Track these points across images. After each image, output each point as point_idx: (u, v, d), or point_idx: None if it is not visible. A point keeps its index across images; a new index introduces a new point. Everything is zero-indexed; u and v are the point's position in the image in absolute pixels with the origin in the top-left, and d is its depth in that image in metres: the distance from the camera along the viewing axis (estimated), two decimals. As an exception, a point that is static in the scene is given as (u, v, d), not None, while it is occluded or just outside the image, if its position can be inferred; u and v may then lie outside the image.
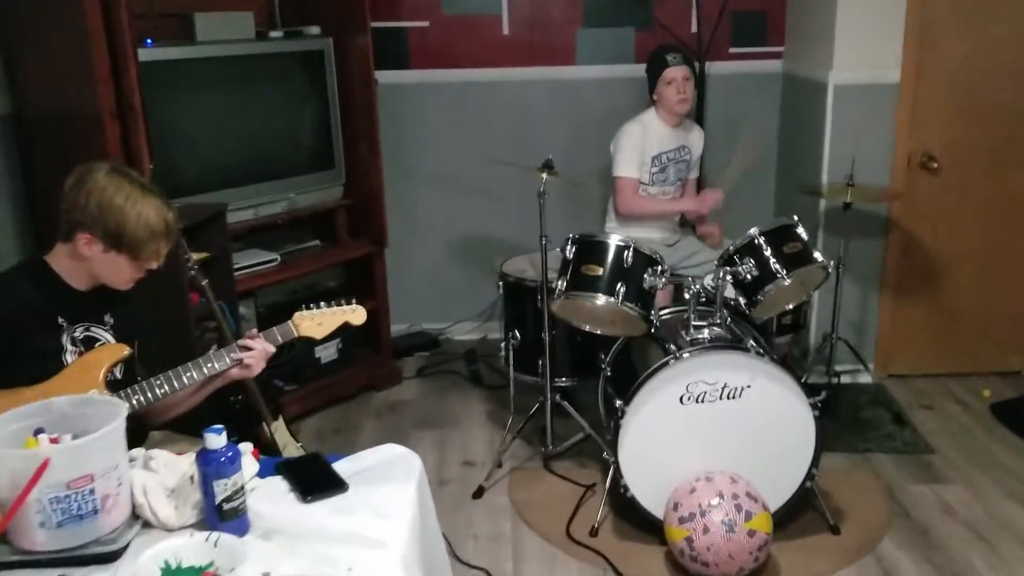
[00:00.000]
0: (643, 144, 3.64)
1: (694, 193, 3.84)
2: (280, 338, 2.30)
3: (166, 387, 2.16)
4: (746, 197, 3.62)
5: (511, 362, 3.48)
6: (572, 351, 3.43)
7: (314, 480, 1.77)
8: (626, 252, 2.93)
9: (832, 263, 3.06)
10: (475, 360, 4.36)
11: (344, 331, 4.00)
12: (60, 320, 2.14)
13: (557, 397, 3.36)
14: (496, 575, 2.83)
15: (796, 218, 3.05)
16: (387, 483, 1.77)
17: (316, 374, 3.95)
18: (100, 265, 2.14)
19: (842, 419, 3.71)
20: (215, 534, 1.51)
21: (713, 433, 2.85)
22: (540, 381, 3.39)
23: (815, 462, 2.89)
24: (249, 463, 1.76)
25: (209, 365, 2.19)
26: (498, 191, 4.45)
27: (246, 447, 1.81)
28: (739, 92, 4.44)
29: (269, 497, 1.72)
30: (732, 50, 4.43)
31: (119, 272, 2.16)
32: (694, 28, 4.33)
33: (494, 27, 4.33)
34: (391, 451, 1.87)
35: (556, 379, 3.38)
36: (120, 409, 1.60)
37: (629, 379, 2.95)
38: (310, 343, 3.90)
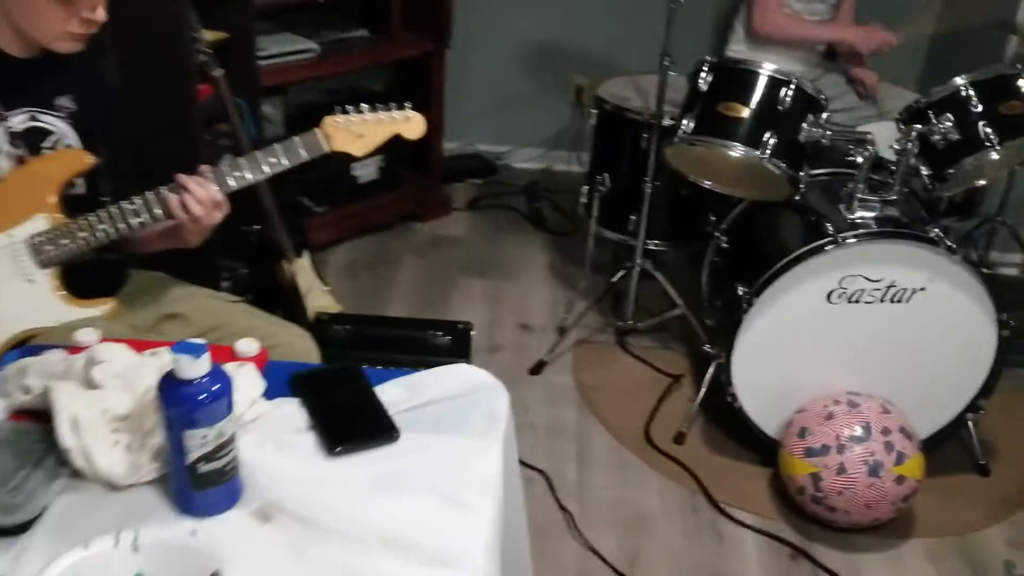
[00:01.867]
0: (797, -59, 2.76)
1: (851, 22, 2.96)
2: (304, 152, 1.61)
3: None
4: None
5: (593, 212, 2.77)
6: (671, 209, 2.71)
7: (350, 415, 1.13)
8: (784, 90, 2.16)
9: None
10: (537, 196, 3.65)
11: (389, 145, 3.31)
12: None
13: (649, 263, 2.68)
14: (556, 481, 2.26)
15: (1021, 66, 2.24)
16: (460, 433, 1.13)
17: (351, 195, 3.27)
18: (16, 4, 1.42)
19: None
20: (131, 533, 0.88)
21: (862, 344, 2.19)
22: (629, 240, 2.70)
23: (985, 391, 2.24)
24: (250, 381, 1.11)
25: (148, 212, 1.51)
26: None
27: (249, 349, 1.17)
28: None
29: (276, 440, 1.09)
30: None
31: (43, 16, 1.44)
32: None
33: None
34: (467, 378, 1.21)
35: (649, 240, 2.69)
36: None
37: (757, 258, 2.27)
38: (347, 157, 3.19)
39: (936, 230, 2.10)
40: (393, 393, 1.17)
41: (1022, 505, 2.30)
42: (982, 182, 2.42)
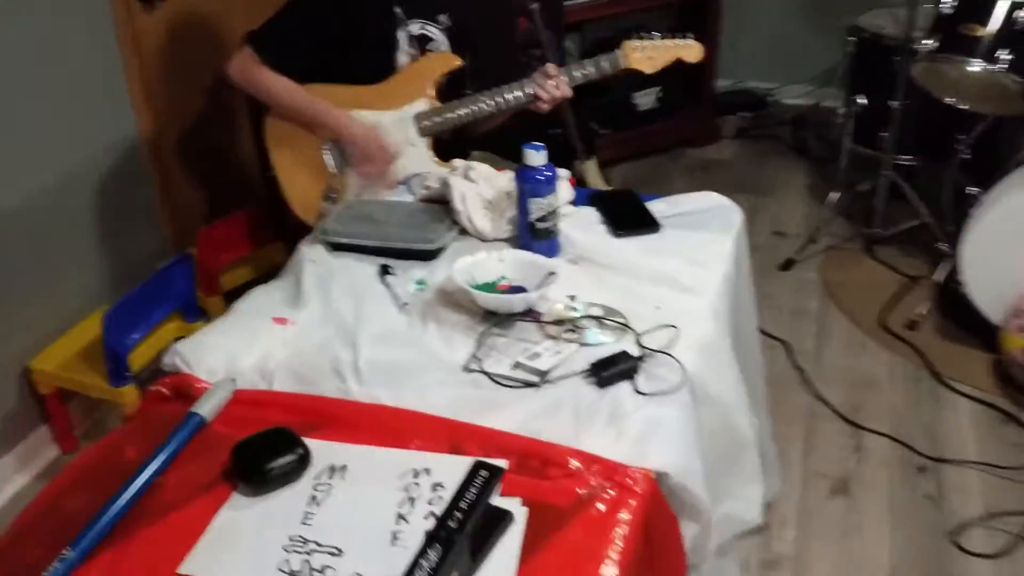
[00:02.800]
0: None
1: None
2: (609, 68, 2.14)
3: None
4: None
5: (848, 130, 3.10)
6: (924, 126, 2.99)
7: (628, 216, 1.67)
8: (1021, 11, 2.40)
9: None
10: (803, 127, 3.97)
11: (667, 79, 3.78)
12: (397, 10, 2.11)
13: (896, 175, 2.98)
14: (795, 350, 2.68)
15: None
16: (704, 231, 1.63)
17: (632, 121, 3.81)
18: None
19: None
20: (496, 251, 1.48)
21: (1089, 241, 2.40)
22: (879, 155, 3.01)
23: None
24: (565, 189, 1.68)
25: (515, 94, 2.10)
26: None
27: (564, 173, 1.73)
28: None
29: (581, 226, 1.65)
30: None
31: None
32: None
33: None
34: (711, 199, 1.72)
35: (898, 156, 2.99)
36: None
37: (992, 166, 2.52)
38: (629, 87, 3.73)
39: None
40: (659, 207, 1.70)
41: None
42: None
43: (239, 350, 1.34)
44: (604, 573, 0.99)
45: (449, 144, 2.27)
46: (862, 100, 3.05)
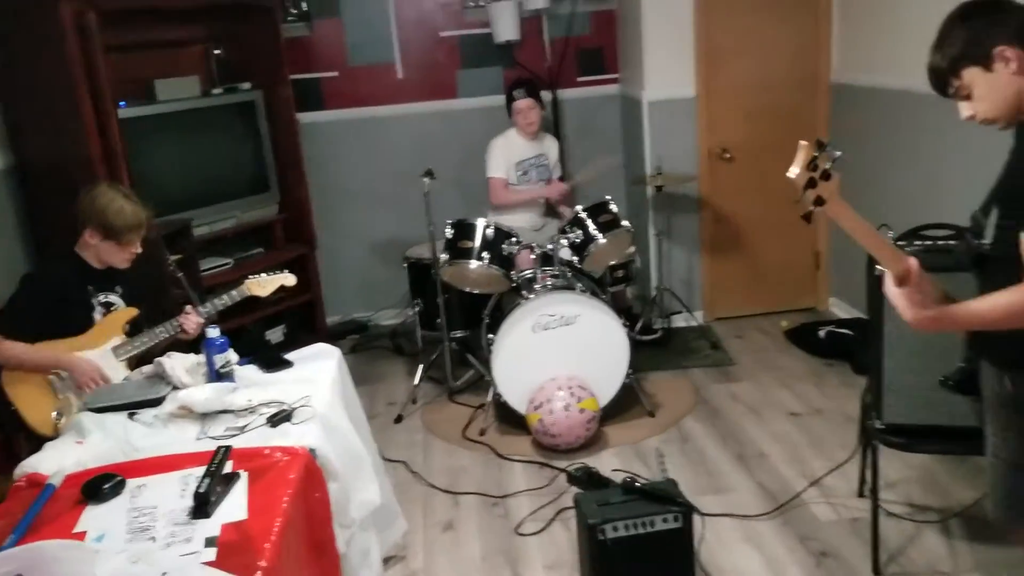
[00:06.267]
0: (507, 152, 4.81)
1: (554, 184, 5.02)
2: (237, 295, 3.38)
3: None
4: (605, 187, 4.81)
5: (417, 323, 4.61)
6: (462, 309, 4.58)
7: (272, 362, 2.89)
8: (488, 229, 4.10)
9: (654, 230, 4.24)
10: (396, 336, 5.48)
11: (290, 319, 5.07)
12: (89, 288, 3.20)
13: (453, 344, 4.50)
14: (412, 465, 3.94)
15: (609, 197, 4.25)
16: (316, 361, 2.90)
17: (266, 351, 5.01)
18: (102, 250, 3.18)
19: (673, 350, 4.92)
20: (199, 388, 2.62)
21: (557, 351, 4.00)
22: (439, 334, 4.52)
23: (631, 366, 4.07)
24: (232, 353, 2.85)
25: (171, 329, 3.25)
26: (403, 200, 5.55)
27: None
28: (587, 110, 5.65)
29: (246, 372, 2.83)
30: (580, 79, 5.64)
31: (115, 254, 3.19)
32: (548, 63, 5.54)
33: (390, 72, 5.50)
34: (319, 347, 3.00)
35: (452, 331, 4.52)
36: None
37: (499, 319, 4.10)
38: (263, 327, 4.98)
39: (581, 286, 4.01)
40: (289, 355, 2.94)
41: (670, 427, 4.08)
42: (613, 261, 4.36)
43: (60, 458, 2.29)
44: (289, 480, 2.13)
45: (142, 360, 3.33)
46: (420, 303, 4.59)
